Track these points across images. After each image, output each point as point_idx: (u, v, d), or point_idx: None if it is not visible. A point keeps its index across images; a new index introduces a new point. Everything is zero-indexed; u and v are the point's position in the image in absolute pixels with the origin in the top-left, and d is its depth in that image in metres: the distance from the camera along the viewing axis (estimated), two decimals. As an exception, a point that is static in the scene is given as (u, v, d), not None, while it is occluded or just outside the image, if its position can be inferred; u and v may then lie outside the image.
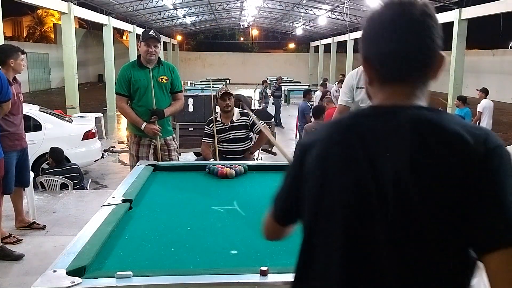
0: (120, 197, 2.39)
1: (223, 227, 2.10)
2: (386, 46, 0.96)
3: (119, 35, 34.87)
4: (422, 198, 0.85)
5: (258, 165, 3.58)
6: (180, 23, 28.92)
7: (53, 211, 4.75)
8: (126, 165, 7.88)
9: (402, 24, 0.95)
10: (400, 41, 0.95)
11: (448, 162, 0.85)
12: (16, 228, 4.18)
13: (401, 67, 0.96)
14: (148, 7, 19.51)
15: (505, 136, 11.21)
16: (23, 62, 3.99)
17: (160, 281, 1.51)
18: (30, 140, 4.41)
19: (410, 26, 0.94)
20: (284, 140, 10.95)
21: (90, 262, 1.61)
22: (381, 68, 0.99)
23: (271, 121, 7.98)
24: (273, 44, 41.92)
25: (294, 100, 19.22)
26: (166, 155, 4.08)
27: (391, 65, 0.97)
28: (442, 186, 0.84)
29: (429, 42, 0.95)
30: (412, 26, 0.94)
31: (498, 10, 11.83)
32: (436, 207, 0.85)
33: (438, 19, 0.97)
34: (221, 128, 4.14)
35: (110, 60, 16.63)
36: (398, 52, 0.95)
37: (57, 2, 12.53)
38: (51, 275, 1.49)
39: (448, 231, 0.85)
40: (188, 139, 7.31)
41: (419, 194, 0.86)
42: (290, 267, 1.64)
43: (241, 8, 26.90)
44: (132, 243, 1.88)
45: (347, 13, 19.85)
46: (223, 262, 1.69)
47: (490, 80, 20.91)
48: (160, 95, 3.95)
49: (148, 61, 3.90)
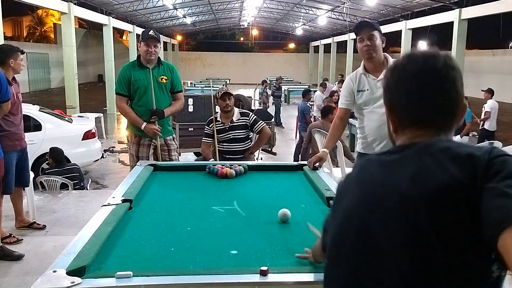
0: (120, 197, 2.39)
1: (223, 227, 2.10)
2: (411, 98, 1.01)
3: (119, 35, 34.87)
4: (429, 214, 0.88)
5: (258, 165, 3.58)
6: (180, 23, 28.91)
7: (53, 211, 4.75)
8: (126, 165, 7.88)
9: (426, 77, 0.99)
10: (424, 93, 1.00)
11: (454, 176, 0.88)
12: (16, 228, 4.18)
13: (425, 116, 1.01)
14: (148, 7, 19.51)
15: (505, 136, 11.22)
16: (22, 62, 3.99)
17: (160, 281, 1.51)
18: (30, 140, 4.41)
19: (434, 79, 0.99)
20: (284, 140, 10.95)
21: (90, 262, 1.61)
22: (406, 116, 1.04)
23: (271, 121, 7.97)
24: (273, 44, 41.92)
25: (294, 100, 19.23)
26: (166, 155, 4.08)
27: (416, 114, 1.02)
28: (446, 198, 0.87)
29: (453, 93, 1.00)
30: (436, 78, 0.99)
31: (498, 10, 11.84)
32: (442, 220, 0.87)
33: (460, 68, 1.02)
34: (221, 128, 4.14)
35: (110, 60, 16.63)
36: (422, 103, 1.00)
37: (57, 2, 12.53)
38: (51, 275, 1.49)
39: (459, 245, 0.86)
40: (188, 139, 7.31)
41: (425, 209, 0.88)
42: (290, 267, 1.65)
43: (241, 8, 26.89)
44: (132, 243, 1.88)
45: (347, 13, 19.84)
46: (223, 262, 1.69)
47: (490, 80, 20.92)
48: (160, 95, 3.95)
49: (148, 61, 3.90)
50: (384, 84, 1.08)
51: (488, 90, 8.89)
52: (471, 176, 0.87)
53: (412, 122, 1.03)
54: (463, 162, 0.89)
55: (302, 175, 3.09)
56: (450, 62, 1.00)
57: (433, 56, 1.00)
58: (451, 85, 0.99)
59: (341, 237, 1.04)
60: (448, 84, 0.99)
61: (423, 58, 1.01)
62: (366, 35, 3.00)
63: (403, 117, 1.04)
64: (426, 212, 0.88)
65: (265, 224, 2.13)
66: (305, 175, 3.03)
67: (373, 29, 3.00)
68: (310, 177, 2.90)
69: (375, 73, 3.09)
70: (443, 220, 0.86)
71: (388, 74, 1.07)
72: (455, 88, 0.99)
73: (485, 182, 0.85)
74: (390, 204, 0.93)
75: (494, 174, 0.86)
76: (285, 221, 2.12)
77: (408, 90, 1.01)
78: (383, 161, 1.03)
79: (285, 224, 2.11)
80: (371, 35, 2.99)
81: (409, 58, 1.03)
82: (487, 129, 8.68)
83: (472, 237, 0.84)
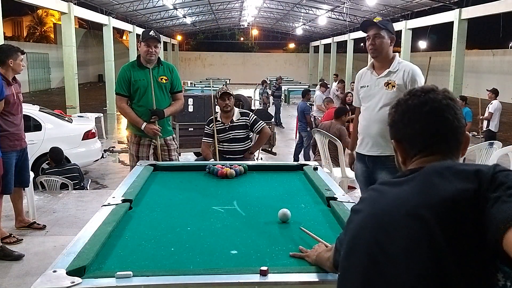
0: (120, 197, 2.39)
1: (223, 227, 2.10)
2: (416, 128, 1.09)
3: (119, 35, 34.87)
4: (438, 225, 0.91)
5: (258, 165, 3.58)
6: (180, 23, 28.91)
7: (53, 211, 4.75)
8: (126, 165, 7.89)
9: (428, 108, 1.07)
10: (428, 123, 1.08)
11: (460, 188, 0.92)
12: (16, 228, 4.18)
13: (431, 144, 1.08)
14: (148, 7, 19.51)
15: (505, 136, 11.21)
16: (22, 62, 3.98)
17: (160, 281, 1.51)
18: (30, 140, 4.42)
19: (436, 109, 1.07)
20: (284, 140, 10.96)
21: (90, 262, 1.61)
22: (412, 147, 1.11)
23: (271, 121, 7.98)
24: (273, 44, 41.91)
25: (294, 100, 19.24)
26: (166, 155, 4.08)
27: (422, 143, 1.09)
28: (457, 207, 0.90)
29: (454, 121, 1.07)
30: (438, 108, 1.07)
31: (498, 10, 11.83)
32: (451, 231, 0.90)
33: (457, 100, 1.11)
34: (221, 128, 4.14)
35: (110, 60, 16.63)
36: (428, 132, 1.08)
37: (57, 2, 12.53)
38: (51, 275, 1.49)
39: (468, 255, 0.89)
40: (188, 139, 7.31)
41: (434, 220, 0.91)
42: (290, 267, 1.65)
43: (241, 8, 26.89)
44: (132, 243, 1.88)
45: (347, 13, 19.85)
46: (223, 262, 1.69)
47: (490, 80, 20.92)
48: (160, 95, 3.95)
49: (148, 61, 3.90)
50: (389, 120, 1.16)
51: (492, 90, 8.89)
52: (476, 188, 0.90)
53: (419, 151, 1.10)
54: (468, 176, 0.93)
55: (302, 175, 3.09)
56: (449, 94, 1.10)
57: (432, 89, 1.10)
58: (452, 114, 1.07)
59: (352, 251, 1.09)
60: (449, 114, 1.07)
61: (424, 92, 1.10)
62: (371, 34, 3.02)
63: (409, 148, 1.12)
64: (434, 221, 0.91)
65: (265, 224, 2.13)
66: (305, 175, 3.04)
67: (379, 28, 3.00)
68: (310, 177, 2.90)
69: (380, 70, 3.09)
70: (450, 228, 0.90)
71: (392, 110, 1.15)
72: (455, 117, 1.07)
73: (490, 192, 0.89)
74: (398, 216, 0.98)
75: (498, 185, 0.90)
76: (285, 221, 2.12)
77: (412, 122, 1.10)
78: (393, 182, 1.09)
79: (285, 224, 2.11)
80: (377, 34, 3.00)
81: (410, 93, 1.12)
82: (492, 130, 8.68)
83: (477, 243, 0.87)
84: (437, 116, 1.07)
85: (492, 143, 5.47)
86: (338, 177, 5.24)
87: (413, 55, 17.92)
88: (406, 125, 1.11)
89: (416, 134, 1.10)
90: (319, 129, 5.95)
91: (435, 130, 1.07)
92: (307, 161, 3.69)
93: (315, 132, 6.04)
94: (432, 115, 1.07)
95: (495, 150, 5.20)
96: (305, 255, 1.69)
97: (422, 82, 3.03)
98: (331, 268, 1.46)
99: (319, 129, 5.91)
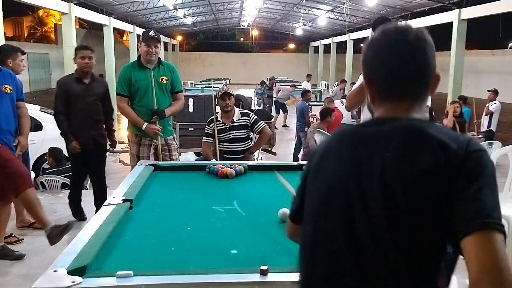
0: (120, 197, 2.39)
1: (223, 227, 2.11)
2: (386, 68, 1.07)
3: (120, 35, 34.85)
4: (405, 197, 0.93)
5: (258, 165, 3.58)
6: (180, 24, 28.91)
7: (53, 211, 4.75)
8: (126, 165, 7.89)
9: (398, 48, 1.06)
10: (398, 64, 1.05)
11: (430, 164, 0.93)
12: (17, 228, 4.19)
13: (399, 85, 1.06)
14: (148, 8, 19.51)
15: (505, 136, 11.21)
16: (22, 63, 3.99)
17: (160, 281, 1.51)
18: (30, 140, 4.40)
19: (406, 50, 1.05)
20: (284, 140, 10.96)
21: (90, 261, 1.61)
22: (382, 87, 1.09)
23: (271, 121, 7.99)
24: (273, 44, 41.90)
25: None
26: (167, 155, 4.08)
27: (391, 84, 1.07)
28: (423, 184, 0.93)
29: (424, 63, 1.05)
30: (408, 49, 1.05)
31: (498, 10, 11.83)
32: (417, 203, 0.93)
33: (432, 41, 1.07)
34: (222, 128, 4.15)
35: (111, 60, 16.63)
36: (396, 73, 1.06)
37: (58, 3, 12.54)
38: (51, 275, 1.50)
39: (428, 226, 0.93)
40: (188, 139, 7.31)
41: (402, 191, 0.94)
42: (290, 266, 1.65)
43: (241, 8, 26.89)
44: (132, 243, 1.89)
45: (347, 13, 19.84)
46: (223, 262, 1.70)
47: (490, 80, 20.90)
48: (160, 95, 3.96)
49: (148, 61, 3.91)
50: (362, 58, 1.13)
51: (493, 90, 8.91)
52: (446, 166, 0.92)
53: (388, 92, 1.08)
54: (434, 150, 0.94)
55: (302, 175, 3.09)
56: (422, 34, 1.06)
57: (405, 29, 1.07)
58: (423, 55, 1.05)
59: (324, 208, 1.06)
60: (419, 55, 1.05)
61: (396, 31, 1.07)
62: None
63: (379, 88, 1.09)
64: (402, 193, 0.93)
65: (265, 224, 2.14)
66: (305, 175, 3.03)
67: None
68: (310, 177, 2.90)
69: None
70: (416, 200, 0.92)
71: (365, 48, 1.13)
72: (426, 59, 1.05)
73: (459, 177, 0.91)
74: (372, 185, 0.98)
75: (468, 172, 0.91)
76: (285, 221, 2.13)
77: (382, 62, 1.07)
78: (362, 135, 1.07)
79: (285, 224, 2.12)
80: None
81: (383, 32, 1.09)
82: (493, 130, 8.68)
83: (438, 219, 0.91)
84: (407, 57, 1.05)
85: (492, 143, 5.48)
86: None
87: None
88: (377, 65, 1.09)
89: (386, 75, 1.07)
90: (318, 129, 5.95)
91: (404, 72, 1.05)
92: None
93: (314, 132, 6.04)
94: (402, 56, 1.05)
95: (494, 150, 5.21)
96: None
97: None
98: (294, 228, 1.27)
99: (318, 129, 5.91)
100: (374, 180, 0.97)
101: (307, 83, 16.76)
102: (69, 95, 4.24)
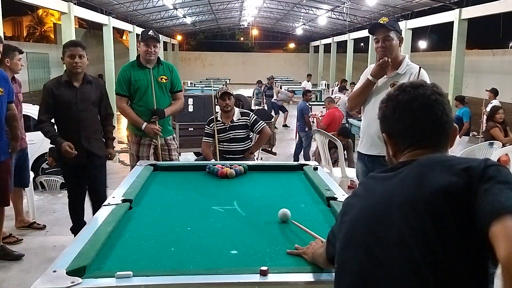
0: (120, 197, 2.39)
1: (223, 227, 2.10)
2: (407, 123, 1.13)
3: (119, 35, 34.84)
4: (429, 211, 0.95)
5: (258, 165, 3.58)
6: (180, 23, 28.90)
7: (53, 211, 4.75)
8: (126, 165, 7.88)
9: (417, 103, 1.11)
10: (417, 118, 1.11)
11: (451, 181, 0.95)
12: (16, 228, 4.18)
13: (420, 138, 1.12)
14: (148, 7, 19.50)
15: (505, 136, 11.20)
16: (20, 62, 3.97)
17: (160, 281, 1.51)
18: (30, 140, 4.41)
19: (424, 104, 1.10)
20: (285, 140, 10.96)
21: (90, 262, 1.61)
22: (403, 141, 1.15)
23: (271, 121, 7.98)
24: (273, 44, 41.89)
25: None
26: (167, 155, 4.08)
27: (412, 137, 1.13)
28: (446, 198, 0.94)
29: (443, 115, 1.11)
30: (427, 104, 1.10)
31: (498, 10, 11.82)
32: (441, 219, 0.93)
33: (446, 95, 1.14)
34: (222, 127, 4.14)
35: (110, 60, 16.61)
36: (417, 127, 1.12)
37: (57, 2, 12.52)
38: (51, 275, 1.49)
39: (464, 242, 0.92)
40: (188, 139, 7.30)
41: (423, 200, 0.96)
42: (290, 267, 1.65)
43: (241, 8, 26.87)
44: (132, 243, 1.88)
45: (347, 13, 19.84)
46: (223, 262, 1.69)
47: (490, 80, 20.90)
48: (160, 95, 3.95)
49: (147, 61, 3.90)
50: (380, 115, 1.19)
51: (492, 90, 8.91)
52: (467, 181, 0.94)
53: (409, 145, 1.13)
54: (457, 173, 0.97)
55: (302, 175, 3.09)
56: (437, 89, 1.14)
57: (421, 85, 1.14)
58: (441, 109, 1.11)
59: (348, 244, 1.11)
60: (437, 109, 1.11)
61: (413, 87, 1.14)
62: (381, 37, 2.92)
63: (400, 142, 1.15)
64: (425, 212, 0.94)
65: (265, 224, 2.13)
66: (305, 175, 3.03)
67: (388, 30, 2.91)
68: (310, 177, 2.90)
69: (388, 71, 3.01)
70: (441, 219, 0.93)
71: (382, 105, 1.19)
72: (444, 112, 1.11)
73: (480, 185, 0.92)
74: (392, 208, 1.01)
75: (489, 179, 0.93)
76: (285, 221, 2.12)
77: (402, 117, 1.13)
78: (384, 176, 1.12)
79: (285, 224, 2.11)
80: (387, 36, 2.91)
81: (400, 88, 1.15)
82: None
83: (467, 234, 0.91)
84: (427, 111, 1.10)
85: (492, 143, 5.48)
86: (338, 177, 5.24)
87: (413, 55, 17.93)
88: (397, 120, 1.14)
89: (406, 129, 1.13)
90: (319, 129, 5.95)
91: (424, 125, 1.11)
92: (307, 161, 3.68)
93: (315, 132, 6.04)
94: (421, 110, 1.10)
95: (495, 150, 5.21)
96: (302, 252, 1.69)
97: None
98: (324, 264, 1.46)
99: (319, 129, 5.91)
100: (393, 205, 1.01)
101: (307, 82, 16.87)
102: (56, 102, 3.59)
